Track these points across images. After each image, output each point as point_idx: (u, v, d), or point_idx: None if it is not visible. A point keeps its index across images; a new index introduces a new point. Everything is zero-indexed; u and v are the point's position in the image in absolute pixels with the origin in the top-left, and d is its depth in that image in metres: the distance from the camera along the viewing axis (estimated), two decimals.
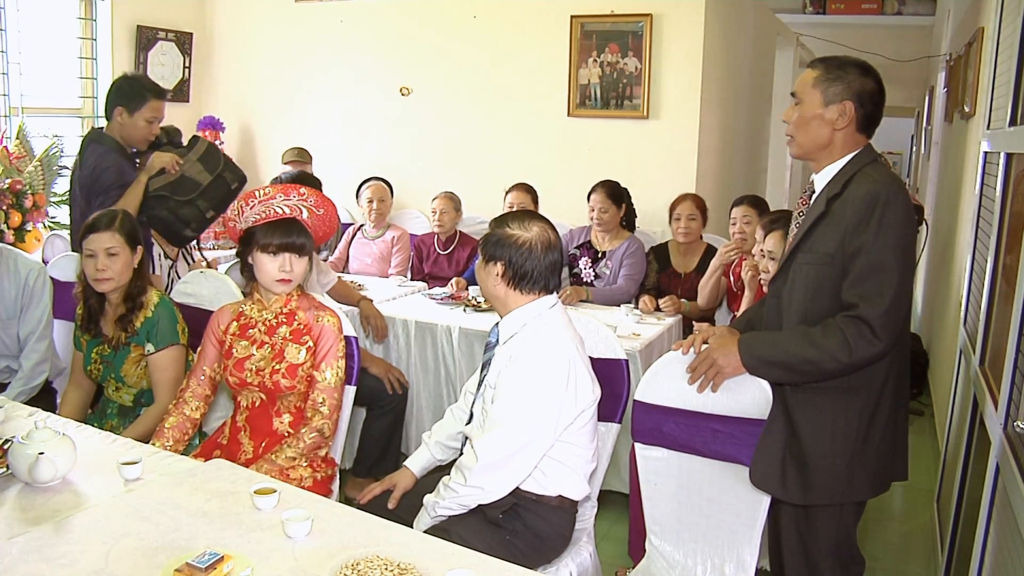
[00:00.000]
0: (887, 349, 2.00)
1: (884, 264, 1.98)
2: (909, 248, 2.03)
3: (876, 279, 1.98)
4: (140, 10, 5.77)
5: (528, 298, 2.23)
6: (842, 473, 2.10)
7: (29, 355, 3.14)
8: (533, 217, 2.28)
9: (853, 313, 1.99)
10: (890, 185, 2.02)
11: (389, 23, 5.67)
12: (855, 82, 2.09)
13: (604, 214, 4.29)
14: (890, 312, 1.97)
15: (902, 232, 2.00)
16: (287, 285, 2.50)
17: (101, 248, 2.66)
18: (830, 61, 2.15)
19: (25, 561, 1.62)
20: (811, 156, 2.19)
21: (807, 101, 2.14)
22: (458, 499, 2.16)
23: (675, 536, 2.31)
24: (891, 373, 2.11)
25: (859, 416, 2.09)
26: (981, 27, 4.20)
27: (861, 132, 2.14)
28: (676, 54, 4.92)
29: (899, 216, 1.99)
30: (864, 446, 2.10)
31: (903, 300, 2.01)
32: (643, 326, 3.66)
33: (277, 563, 1.65)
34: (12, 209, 4.53)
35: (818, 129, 2.13)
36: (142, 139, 3.54)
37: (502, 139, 5.46)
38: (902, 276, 1.99)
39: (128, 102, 3.47)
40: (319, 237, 2.60)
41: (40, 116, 5.26)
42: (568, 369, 2.14)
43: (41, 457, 1.91)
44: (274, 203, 2.46)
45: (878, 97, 2.12)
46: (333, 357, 2.51)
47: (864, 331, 1.97)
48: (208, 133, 5.97)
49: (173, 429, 2.53)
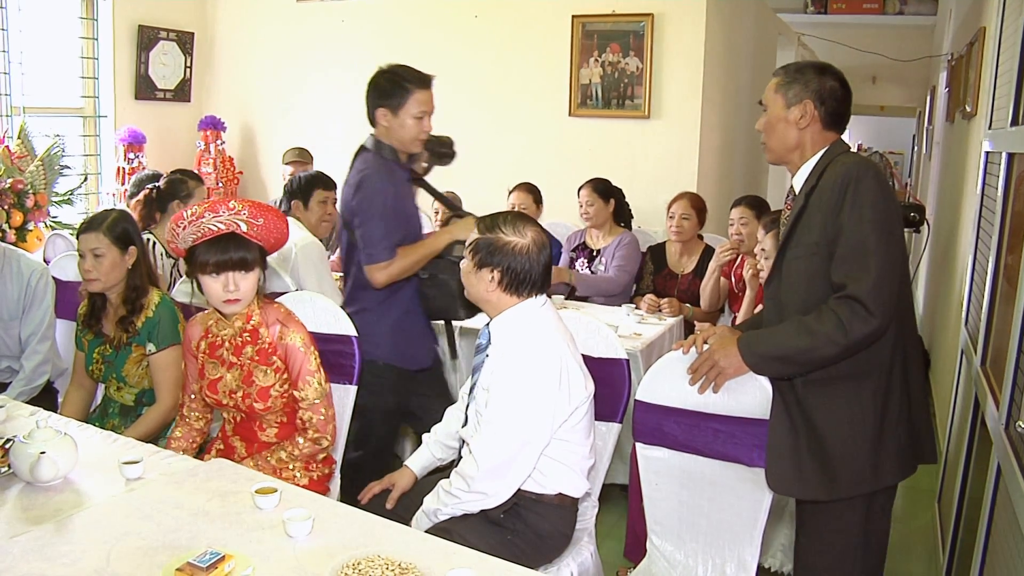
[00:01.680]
0: (884, 323, 2.00)
1: (864, 241, 2.00)
2: (888, 221, 2.03)
3: (859, 256, 2.00)
4: (141, 10, 5.77)
5: (519, 299, 2.22)
6: (866, 460, 2.09)
7: (31, 356, 3.14)
8: (523, 220, 2.26)
9: (842, 293, 2.00)
10: (859, 165, 2.06)
11: (390, 23, 5.68)
12: (812, 82, 2.15)
13: (590, 207, 4.31)
14: (879, 286, 1.98)
15: (878, 206, 2.01)
16: (235, 305, 2.35)
17: (87, 249, 2.66)
18: (789, 67, 2.24)
19: (26, 560, 1.63)
20: (785, 159, 2.24)
21: (771, 107, 2.21)
22: (461, 505, 2.16)
23: (676, 536, 2.31)
24: (897, 351, 2.11)
25: (873, 399, 2.08)
26: (983, 27, 4.20)
27: (829, 129, 2.18)
28: (677, 54, 4.92)
29: (872, 191, 2.02)
30: (883, 430, 2.09)
31: (890, 272, 2.01)
32: (644, 326, 3.66)
33: (278, 562, 1.65)
34: (14, 209, 4.54)
35: (784, 131, 2.19)
36: (412, 140, 2.94)
37: (503, 139, 5.46)
38: (886, 248, 2.00)
39: (389, 100, 2.92)
40: (270, 245, 2.44)
41: (42, 116, 5.27)
42: (560, 366, 2.14)
43: (43, 456, 1.91)
44: (204, 222, 2.29)
45: (840, 94, 2.17)
46: (307, 373, 2.40)
47: (857, 309, 1.97)
48: (209, 133, 5.97)
49: (180, 440, 2.53)
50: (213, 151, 5.98)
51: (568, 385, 2.16)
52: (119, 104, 5.74)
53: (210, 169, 5.94)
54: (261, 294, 2.45)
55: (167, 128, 6.04)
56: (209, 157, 5.97)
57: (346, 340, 2.66)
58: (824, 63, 2.27)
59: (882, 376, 2.09)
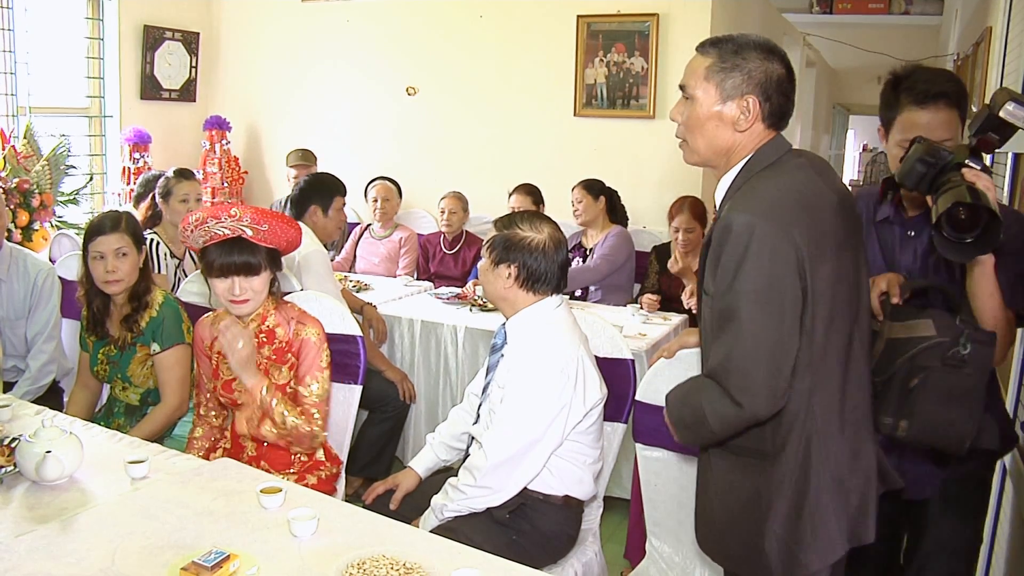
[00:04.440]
0: (756, 412, 1.59)
1: (734, 311, 1.59)
2: (772, 288, 1.57)
3: (727, 330, 1.61)
4: (147, 10, 5.78)
5: (536, 298, 2.23)
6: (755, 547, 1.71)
7: (37, 356, 3.15)
8: (540, 217, 2.28)
9: (707, 371, 1.67)
10: (743, 212, 1.60)
11: (395, 23, 5.68)
12: (757, 70, 1.67)
13: (579, 204, 4.36)
14: (743, 370, 1.58)
15: (758, 272, 1.57)
16: (243, 306, 2.37)
17: (110, 249, 2.66)
18: (724, 45, 1.71)
19: (32, 559, 1.63)
20: (710, 163, 1.78)
21: (700, 97, 1.72)
22: (467, 500, 2.16)
23: (674, 538, 2.30)
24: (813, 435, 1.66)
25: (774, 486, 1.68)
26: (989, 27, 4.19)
27: (771, 128, 1.72)
28: (682, 54, 4.91)
29: (750, 252, 1.57)
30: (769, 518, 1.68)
31: (765, 353, 1.57)
32: (649, 326, 3.66)
33: (283, 562, 1.65)
34: (20, 208, 4.55)
35: (715, 131, 1.72)
36: None
37: (508, 139, 5.46)
38: (762, 324, 1.57)
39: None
40: (283, 247, 2.45)
41: (47, 116, 5.28)
42: (577, 368, 2.15)
43: (48, 456, 1.91)
44: (210, 226, 2.30)
45: (786, 84, 1.70)
46: (316, 369, 2.41)
47: (719, 394, 1.61)
48: (215, 133, 5.98)
49: (202, 439, 2.55)
50: (218, 151, 5.98)
51: (584, 386, 2.16)
52: (124, 104, 5.75)
53: (215, 169, 5.95)
54: (276, 295, 2.47)
55: (172, 128, 6.05)
56: (214, 157, 5.98)
57: (352, 340, 2.66)
58: (767, 41, 1.72)
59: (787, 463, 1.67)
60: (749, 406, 1.59)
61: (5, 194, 4.32)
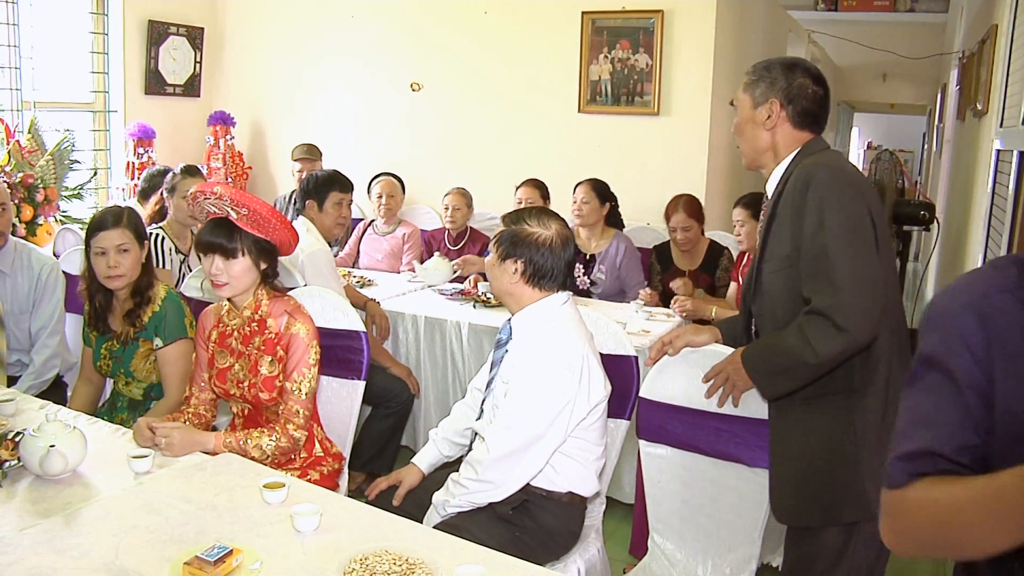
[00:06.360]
0: (859, 338, 1.84)
1: (827, 250, 1.85)
2: (857, 225, 1.87)
3: (822, 268, 1.86)
4: (152, 5, 5.79)
5: (542, 294, 2.23)
6: (850, 488, 1.93)
7: (40, 350, 3.16)
8: (548, 214, 2.28)
9: (808, 308, 1.88)
10: (821, 166, 1.92)
11: (400, 18, 5.68)
12: (779, 80, 2.03)
13: (585, 205, 4.22)
14: (846, 299, 1.82)
15: (842, 211, 1.87)
16: (222, 289, 2.39)
17: (112, 245, 2.66)
18: (758, 65, 2.11)
19: (36, 553, 1.63)
20: (758, 163, 2.12)
21: (740, 108, 2.11)
22: (469, 495, 2.16)
23: (677, 535, 2.31)
24: (893, 365, 1.94)
25: (863, 419, 1.92)
26: (994, 24, 4.18)
27: (802, 129, 2.05)
28: (687, 50, 4.91)
29: (833, 195, 1.87)
30: (870, 454, 1.90)
31: (861, 281, 1.84)
32: (653, 323, 3.66)
33: (286, 557, 1.65)
34: (24, 203, 4.55)
35: (753, 132, 2.08)
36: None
37: (512, 135, 5.46)
38: (854, 256, 1.84)
39: None
40: (276, 242, 2.44)
41: (52, 110, 5.28)
42: (582, 364, 2.14)
43: (52, 450, 1.92)
44: (200, 202, 2.36)
45: (811, 91, 2.03)
46: (304, 365, 2.40)
47: (824, 325, 1.83)
48: (219, 128, 5.98)
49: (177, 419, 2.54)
50: (222, 146, 5.98)
51: (588, 383, 2.16)
52: (129, 99, 5.76)
53: (219, 164, 5.95)
54: (268, 286, 2.48)
55: (177, 123, 6.06)
56: (218, 152, 5.98)
57: (355, 336, 2.67)
58: (796, 58, 2.14)
59: (876, 393, 1.92)
60: (854, 330, 1.81)
61: (10, 188, 4.32)
